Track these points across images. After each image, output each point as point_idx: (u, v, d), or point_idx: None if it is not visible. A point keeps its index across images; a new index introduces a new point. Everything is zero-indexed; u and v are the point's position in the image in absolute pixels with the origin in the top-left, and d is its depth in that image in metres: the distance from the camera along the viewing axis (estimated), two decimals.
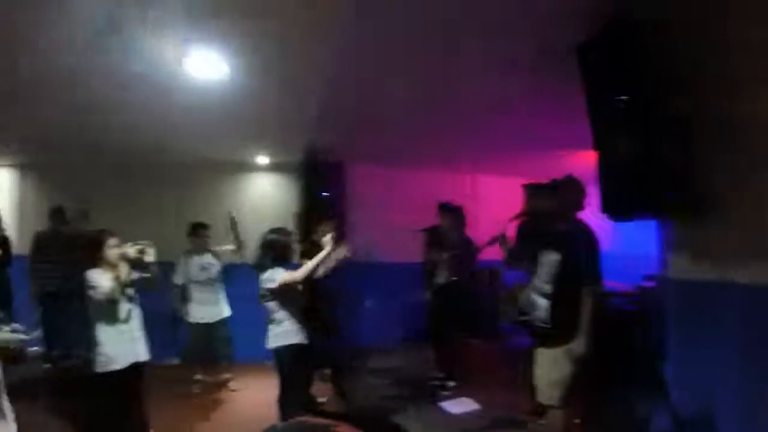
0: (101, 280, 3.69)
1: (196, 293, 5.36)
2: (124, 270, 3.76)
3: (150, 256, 3.86)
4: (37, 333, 6.01)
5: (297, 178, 6.71)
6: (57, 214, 6.21)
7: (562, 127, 4.51)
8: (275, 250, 3.75)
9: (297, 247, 4.14)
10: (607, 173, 3.04)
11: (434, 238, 5.37)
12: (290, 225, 5.22)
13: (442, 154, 6.27)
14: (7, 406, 2.17)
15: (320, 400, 4.85)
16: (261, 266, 3.73)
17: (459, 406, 4.75)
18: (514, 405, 4.32)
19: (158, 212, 6.49)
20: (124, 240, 3.91)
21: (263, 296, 3.71)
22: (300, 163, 6.44)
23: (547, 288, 3.05)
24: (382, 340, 6.48)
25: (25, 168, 7.51)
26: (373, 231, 6.49)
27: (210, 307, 5.37)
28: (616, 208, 3.03)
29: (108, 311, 3.76)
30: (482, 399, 4.81)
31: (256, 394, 5.16)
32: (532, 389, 3.18)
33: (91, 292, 3.70)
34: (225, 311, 5.48)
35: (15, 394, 2.22)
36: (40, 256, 5.97)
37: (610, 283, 4.36)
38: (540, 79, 3.55)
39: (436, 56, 3.24)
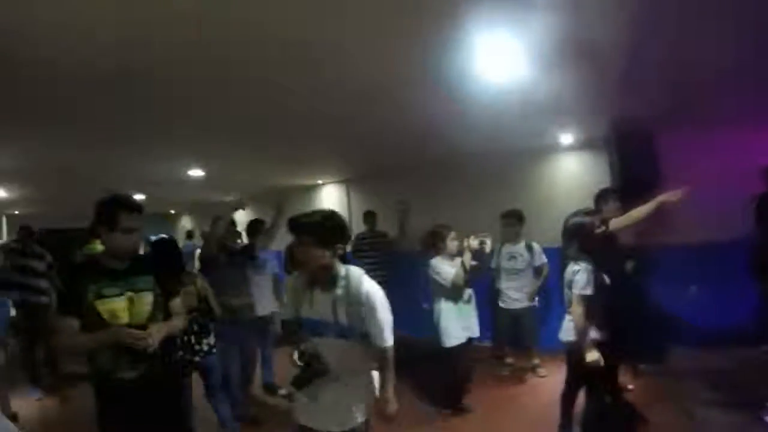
0: (446, 267, 4.23)
1: (504, 281, 5.35)
2: (467, 259, 4.13)
3: (488, 247, 4.19)
4: None
5: (606, 153, 6.08)
6: (368, 217, 7.16)
7: None
8: (578, 237, 3.30)
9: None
10: None
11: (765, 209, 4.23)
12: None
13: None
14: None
15: (629, 387, 4.54)
16: (566, 257, 3.39)
17: None
18: None
19: (469, 203, 6.67)
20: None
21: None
22: (608, 137, 5.82)
23: None
24: (704, 335, 5.30)
25: (348, 181, 8.94)
26: (692, 204, 5.42)
27: (516, 296, 5.28)
28: None
29: (452, 294, 4.28)
30: None
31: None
32: None
33: (436, 278, 4.27)
34: (525, 302, 5.29)
35: None
36: (358, 253, 6.97)
37: None
38: None
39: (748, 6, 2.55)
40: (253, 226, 5.00)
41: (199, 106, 3.81)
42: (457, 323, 4.26)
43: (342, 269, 2.27)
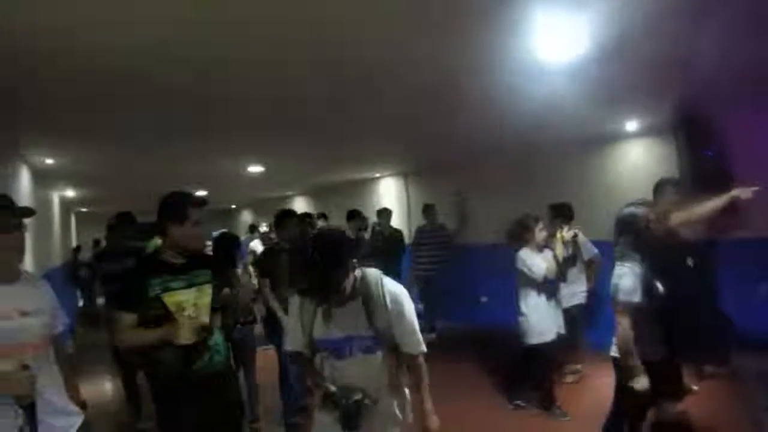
0: (536, 260, 3.99)
1: None
2: (560, 251, 3.99)
3: (582, 239, 4.17)
4: (419, 307, 7.04)
5: (673, 139, 5.60)
6: (428, 209, 7.13)
7: None
8: (630, 231, 2.91)
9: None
10: None
11: None
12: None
13: None
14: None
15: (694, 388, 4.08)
16: (618, 254, 2.96)
17: None
18: None
19: (530, 195, 6.08)
20: None
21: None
22: (674, 121, 5.35)
23: None
24: None
25: (407, 174, 8.91)
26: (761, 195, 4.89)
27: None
28: None
29: (542, 288, 4.03)
30: None
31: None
32: None
33: (525, 270, 4.02)
34: (573, 300, 4.79)
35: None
36: (418, 246, 7.00)
37: None
38: None
39: None
40: (302, 220, 5.10)
41: (258, 104, 3.88)
42: (547, 319, 4.03)
43: (358, 273, 1.96)
